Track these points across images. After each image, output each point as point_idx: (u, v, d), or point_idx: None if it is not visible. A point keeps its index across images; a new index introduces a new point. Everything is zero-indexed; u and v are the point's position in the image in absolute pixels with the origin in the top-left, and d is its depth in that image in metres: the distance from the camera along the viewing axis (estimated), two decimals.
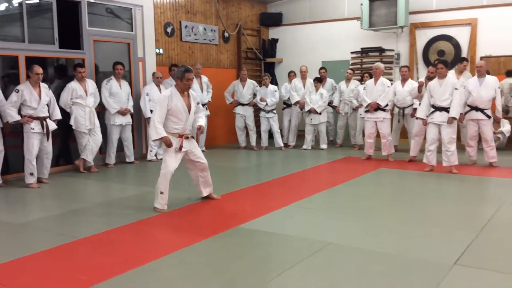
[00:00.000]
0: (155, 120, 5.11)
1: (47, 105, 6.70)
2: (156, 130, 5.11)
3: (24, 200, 5.97)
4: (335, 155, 9.02)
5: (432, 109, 7.14)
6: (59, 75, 7.80)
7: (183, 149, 5.24)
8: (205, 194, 5.66)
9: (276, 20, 12.01)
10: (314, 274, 3.46)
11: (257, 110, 10.22)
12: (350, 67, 10.71)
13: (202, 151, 9.53)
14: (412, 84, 8.67)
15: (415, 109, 8.38)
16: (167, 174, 5.25)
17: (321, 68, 10.13)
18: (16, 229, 4.71)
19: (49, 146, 6.76)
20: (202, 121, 5.55)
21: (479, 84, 7.43)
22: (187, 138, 5.29)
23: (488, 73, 7.81)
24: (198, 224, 4.83)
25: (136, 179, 7.35)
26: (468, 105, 7.52)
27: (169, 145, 5.15)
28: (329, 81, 10.13)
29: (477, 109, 7.45)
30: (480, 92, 7.39)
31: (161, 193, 5.23)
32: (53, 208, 5.64)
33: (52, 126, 6.75)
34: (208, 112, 9.39)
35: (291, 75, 10.24)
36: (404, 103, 8.75)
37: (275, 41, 12.10)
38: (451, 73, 8.04)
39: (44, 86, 6.68)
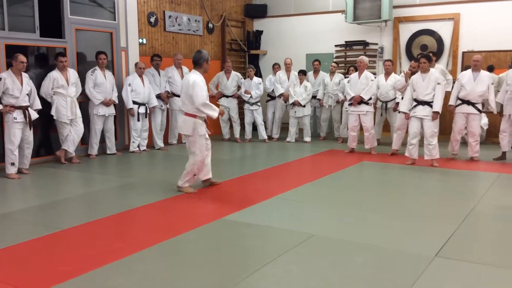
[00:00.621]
0: (206, 100, 5.42)
1: (28, 94, 6.60)
2: (212, 108, 5.47)
3: (4, 190, 5.87)
4: (318, 147, 9.06)
5: (415, 103, 7.20)
6: (40, 64, 7.66)
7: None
8: (210, 174, 5.92)
9: (260, 11, 11.96)
10: (297, 266, 3.48)
11: (241, 102, 10.19)
12: (334, 60, 10.75)
13: (184, 143, 9.58)
14: (395, 77, 8.75)
15: (397, 103, 8.45)
16: (203, 158, 5.63)
17: (315, 60, 10.14)
18: None
19: (30, 135, 6.66)
20: None
21: (473, 79, 7.42)
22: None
23: (468, 68, 7.88)
24: (181, 216, 4.82)
25: (118, 170, 7.28)
26: (460, 99, 7.55)
27: (222, 113, 5.71)
28: (322, 74, 10.11)
29: (468, 103, 7.48)
30: (474, 87, 7.38)
31: (194, 175, 5.63)
32: (33, 198, 5.57)
33: (34, 115, 6.66)
34: None
35: (275, 67, 10.23)
36: (387, 96, 8.83)
37: (259, 33, 12.06)
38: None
39: (25, 75, 6.58)
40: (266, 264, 3.47)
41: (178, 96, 9.14)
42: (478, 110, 7.46)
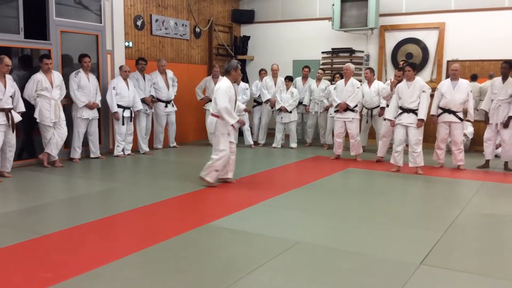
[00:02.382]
0: (228, 107, 5.91)
1: (11, 96, 6.49)
2: (232, 115, 5.98)
3: None
4: (304, 154, 9.07)
5: (400, 111, 7.26)
6: (24, 66, 7.54)
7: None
8: (230, 175, 6.35)
9: (248, 17, 11.97)
10: (283, 273, 3.45)
11: None
12: (321, 66, 10.79)
13: (174, 146, 9.57)
14: (378, 84, 8.83)
15: (382, 108, 8.51)
16: (226, 156, 6.07)
17: (305, 67, 10.15)
18: None
19: (13, 138, 6.55)
20: (243, 105, 6.85)
21: (452, 87, 7.50)
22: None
23: (449, 77, 7.95)
24: (164, 222, 4.76)
25: (102, 174, 7.18)
26: (441, 108, 7.64)
27: (242, 124, 6.47)
28: (309, 80, 10.12)
29: (449, 111, 7.55)
30: (453, 95, 7.46)
31: (217, 171, 6.06)
32: (15, 203, 5.46)
33: (17, 118, 6.55)
34: (175, 108, 9.35)
35: (262, 73, 10.23)
36: (372, 103, 8.89)
37: (246, 38, 12.06)
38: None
39: (9, 77, 6.48)
40: (252, 271, 3.44)
41: (163, 101, 9.15)
42: (459, 118, 7.53)
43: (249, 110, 6.49)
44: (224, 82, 6.02)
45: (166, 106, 9.20)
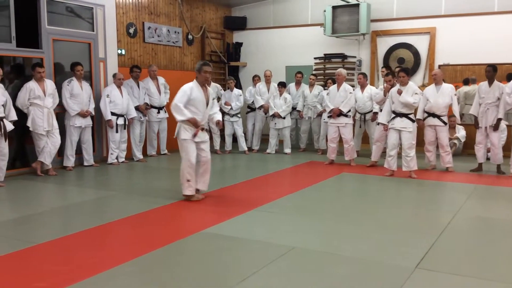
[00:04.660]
0: (178, 103, 5.47)
1: (3, 105, 6.47)
2: (182, 112, 5.48)
3: None
4: (298, 159, 9.08)
5: (393, 115, 7.30)
6: (16, 74, 7.52)
7: (197, 139, 5.64)
8: (199, 186, 5.89)
9: (240, 24, 12.01)
10: (278, 279, 3.45)
11: (221, 113, 10.15)
12: (313, 72, 10.83)
13: (164, 154, 9.54)
14: (371, 89, 8.88)
15: (375, 113, 8.57)
16: (189, 162, 5.62)
17: (298, 72, 10.20)
18: None
19: (5, 147, 6.52)
20: (219, 116, 6.00)
21: (436, 92, 7.68)
22: (202, 129, 5.69)
23: (444, 81, 8.05)
24: (158, 230, 4.74)
25: (95, 182, 7.15)
26: (426, 112, 7.76)
27: (195, 124, 5.56)
28: (303, 85, 10.16)
29: (434, 115, 7.69)
30: (437, 99, 7.62)
31: (188, 180, 5.62)
32: (8, 212, 5.42)
33: (10, 126, 6.52)
34: (167, 115, 9.28)
35: (255, 79, 10.26)
36: (365, 108, 8.93)
37: (239, 44, 12.09)
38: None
39: (0, 86, 6.45)
40: (246, 278, 3.43)
41: (155, 107, 9.15)
42: (443, 122, 7.68)
43: (220, 124, 6.08)
44: (188, 84, 5.65)
45: (158, 112, 9.20)
